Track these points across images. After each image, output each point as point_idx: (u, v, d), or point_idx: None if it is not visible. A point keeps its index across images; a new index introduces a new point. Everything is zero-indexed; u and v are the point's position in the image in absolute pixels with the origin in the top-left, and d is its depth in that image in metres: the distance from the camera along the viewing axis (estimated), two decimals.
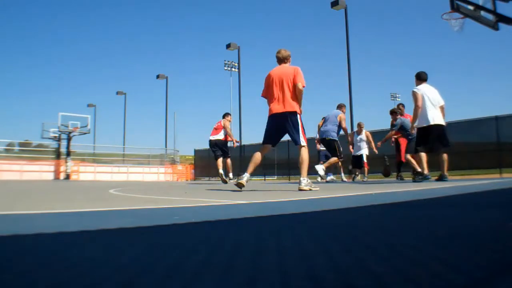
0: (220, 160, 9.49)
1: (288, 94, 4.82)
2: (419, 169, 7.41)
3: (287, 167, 20.07)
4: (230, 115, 9.97)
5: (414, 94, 6.96)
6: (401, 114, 9.73)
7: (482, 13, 7.57)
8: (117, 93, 35.82)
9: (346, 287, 0.67)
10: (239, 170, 22.23)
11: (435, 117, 6.79)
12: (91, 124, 25.39)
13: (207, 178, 24.53)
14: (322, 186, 6.07)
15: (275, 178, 21.02)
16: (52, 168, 22.08)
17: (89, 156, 26.62)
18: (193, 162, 28.55)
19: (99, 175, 23.63)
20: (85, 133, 22.82)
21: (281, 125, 4.88)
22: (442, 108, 6.95)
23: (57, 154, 22.39)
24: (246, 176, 4.90)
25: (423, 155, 6.98)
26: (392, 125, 9.90)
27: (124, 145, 32.56)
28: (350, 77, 17.30)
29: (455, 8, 7.42)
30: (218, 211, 2.42)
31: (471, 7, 7.51)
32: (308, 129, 10.28)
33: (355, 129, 12.02)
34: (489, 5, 7.47)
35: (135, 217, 2.09)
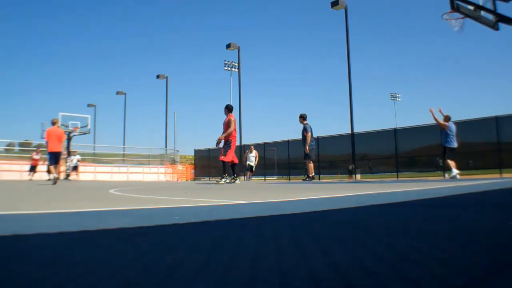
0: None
1: (58, 142, 10.07)
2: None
3: (287, 167, 20.07)
4: None
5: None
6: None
7: (482, 13, 7.57)
8: (117, 93, 35.82)
9: (346, 287, 0.67)
10: (238, 170, 22.28)
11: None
12: (91, 124, 25.37)
13: (207, 178, 24.51)
14: (322, 186, 6.06)
15: (275, 178, 21.02)
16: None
17: (89, 156, 26.62)
18: (193, 162, 28.55)
19: (99, 175, 23.63)
20: (85, 133, 22.81)
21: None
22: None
23: None
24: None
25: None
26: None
27: (124, 145, 32.56)
28: (350, 77, 17.30)
29: (455, 8, 7.42)
30: (218, 211, 2.42)
31: (471, 7, 7.52)
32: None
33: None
34: (489, 5, 7.48)
35: (135, 217, 2.09)
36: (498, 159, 13.21)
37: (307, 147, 11.30)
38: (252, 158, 17.92)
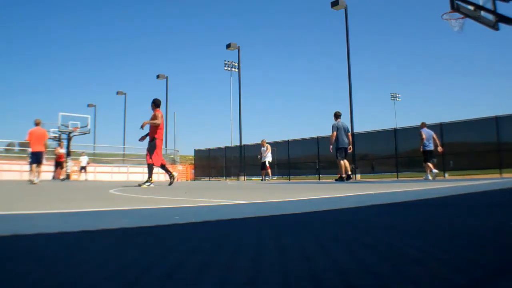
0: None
1: (40, 142, 10.67)
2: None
3: (287, 167, 20.07)
4: None
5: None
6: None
7: (482, 13, 7.57)
8: (117, 93, 35.85)
9: (346, 287, 0.67)
10: (238, 170, 22.32)
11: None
12: (91, 124, 25.37)
13: (207, 178, 24.52)
14: (322, 186, 6.05)
15: (275, 178, 21.02)
16: (52, 168, 22.07)
17: (89, 156, 26.58)
18: (193, 162, 28.54)
19: (99, 175, 23.62)
20: (85, 133, 22.80)
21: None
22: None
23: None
24: None
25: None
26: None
27: (124, 145, 32.57)
28: (350, 77, 17.31)
29: (455, 8, 7.43)
30: (218, 211, 2.42)
31: (471, 7, 7.52)
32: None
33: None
34: (489, 5, 7.48)
35: (135, 217, 2.09)
36: (498, 159, 13.21)
37: (330, 147, 11.35)
38: (263, 153, 16.03)
